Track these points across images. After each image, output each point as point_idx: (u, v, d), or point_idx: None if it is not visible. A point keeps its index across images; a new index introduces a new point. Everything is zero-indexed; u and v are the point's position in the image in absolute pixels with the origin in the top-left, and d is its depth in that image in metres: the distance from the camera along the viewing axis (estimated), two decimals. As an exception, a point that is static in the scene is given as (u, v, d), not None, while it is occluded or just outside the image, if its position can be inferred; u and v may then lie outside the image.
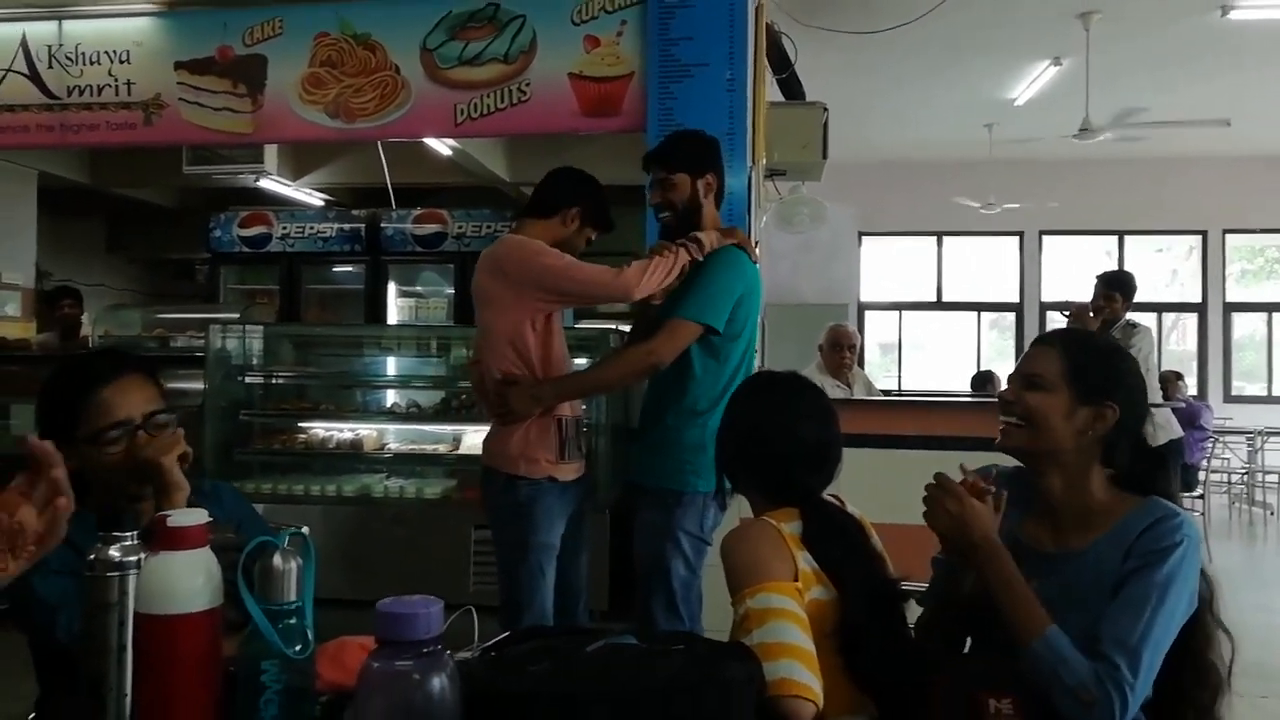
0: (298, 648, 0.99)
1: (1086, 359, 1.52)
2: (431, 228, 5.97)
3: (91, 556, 1.09)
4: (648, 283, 2.40)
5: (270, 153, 5.79)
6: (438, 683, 0.86)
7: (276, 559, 1.00)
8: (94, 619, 1.09)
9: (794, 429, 1.60)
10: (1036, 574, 1.42)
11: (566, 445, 2.51)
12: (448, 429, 4.55)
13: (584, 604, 2.68)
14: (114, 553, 1.10)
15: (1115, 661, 1.30)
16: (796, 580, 1.42)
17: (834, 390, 4.94)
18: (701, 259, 2.46)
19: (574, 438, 2.55)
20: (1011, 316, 10.07)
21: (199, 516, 1.03)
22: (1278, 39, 5.97)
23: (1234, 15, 5.57)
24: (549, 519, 2.48)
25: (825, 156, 4.36)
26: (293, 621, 1.00)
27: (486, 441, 2.56)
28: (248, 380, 4.50)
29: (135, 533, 1.12)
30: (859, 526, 1.60)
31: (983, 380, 7.39)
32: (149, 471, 1.48)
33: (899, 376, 10.28)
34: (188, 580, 0.99)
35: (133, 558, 1.10)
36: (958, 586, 1.49)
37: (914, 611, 1.58)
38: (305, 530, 2.09)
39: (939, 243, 10.09)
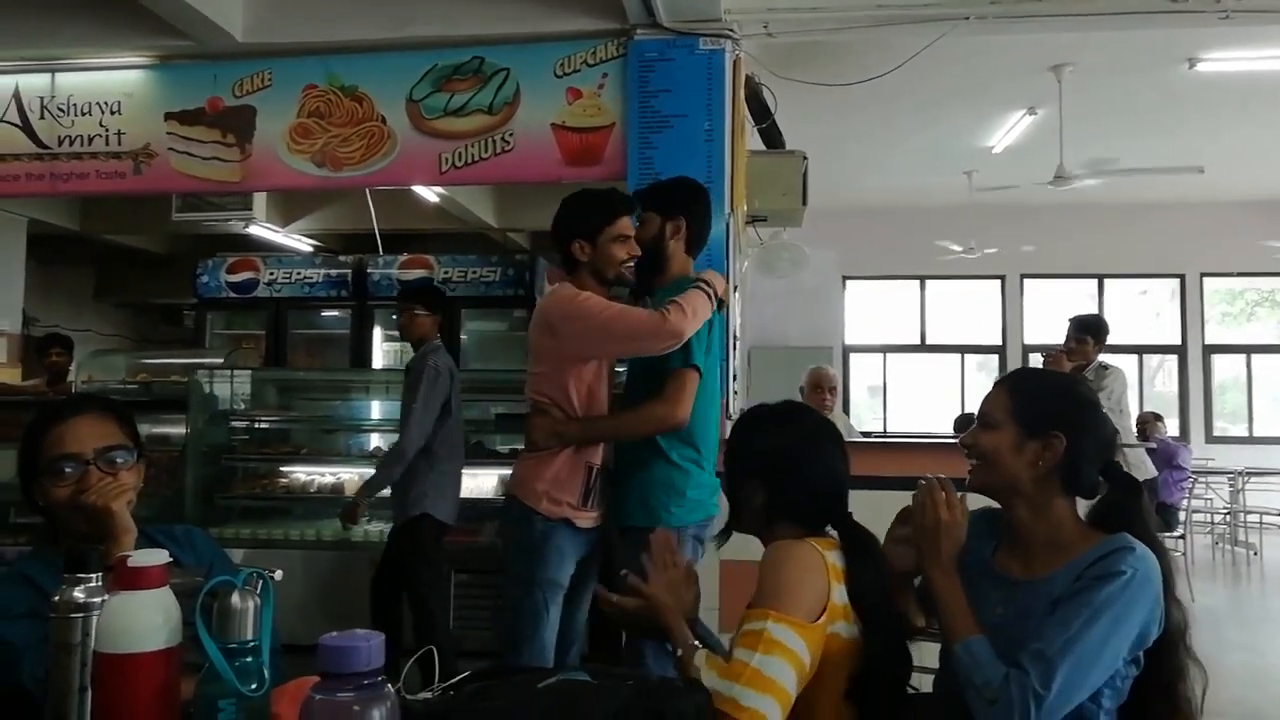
0: (253, 686, 1.01)
1: (1030, 394, 1.60)
2: (418, 273, 6.03)
3: (56, 598, 1.12)
4: (693, 322, 2.38)
5: (259, 200, 5.87)
6: (378, 714, 0.88)
7: (234, 598, 1.02)
8: (57, 660, 1.11)
9: (829, 459, 1.62)
10: (1002, 599, 1.48)
11: (591, 494, 2.50)
12: (430, 472, 4.56)
13: (576, 650, 2.66)
14: (78, 594, 1.12)
15: (1026, 669, 1.35)
16: (822, 615, 1.42)
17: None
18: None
19: (599, 487, 2.53)
20: (995, 359, 10.15)
21: (159, 557, 1.06)
22: (1246, 89, 6.11)
23: (1201, 68, 5.72)
24: (560, 556, 2.47)
25: (805, 203, 4.43)
26: (249, 660, 1.02)
27: (515, 469, 2.58)
28: (231, 425, 4.52)
29: (99, 574, 1.15)
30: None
31: (965, 422, 7.42)
32: (95, 516, 1.48)
33: (884, 418, 10.33)
34: (146, 619, 1.02)
35: (97, 599, 1.12)
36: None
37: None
38: (278, 574, 2.11)
39: (922, 286, 10.20)
